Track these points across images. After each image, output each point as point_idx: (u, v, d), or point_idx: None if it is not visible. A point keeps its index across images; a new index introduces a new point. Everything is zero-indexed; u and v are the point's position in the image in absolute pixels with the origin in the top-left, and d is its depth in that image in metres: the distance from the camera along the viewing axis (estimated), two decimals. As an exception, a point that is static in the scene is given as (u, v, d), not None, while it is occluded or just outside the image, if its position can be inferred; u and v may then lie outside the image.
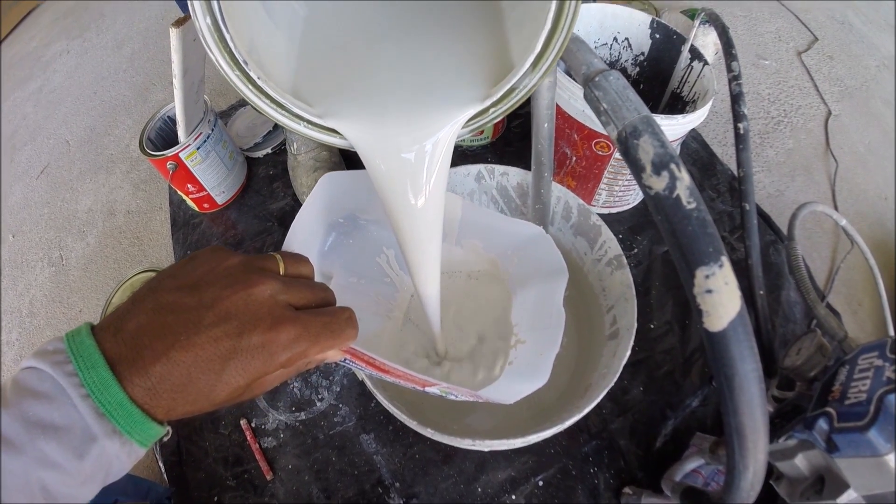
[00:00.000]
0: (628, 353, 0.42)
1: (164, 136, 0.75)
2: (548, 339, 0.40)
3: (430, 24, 0.33)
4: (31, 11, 1.48)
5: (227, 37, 0.24)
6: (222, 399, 0.24)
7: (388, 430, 0.56)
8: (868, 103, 0.91)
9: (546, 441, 0.54)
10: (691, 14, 0.93)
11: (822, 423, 0.31)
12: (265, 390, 0.27)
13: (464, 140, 0.79)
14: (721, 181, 0.76)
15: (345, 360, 0.30)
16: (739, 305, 0.18)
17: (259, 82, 0.26)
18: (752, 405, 0.19)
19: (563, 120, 0.62)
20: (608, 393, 0.41)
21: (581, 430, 0.55)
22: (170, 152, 0.68)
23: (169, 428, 0.24)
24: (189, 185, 0.73)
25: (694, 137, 0.81)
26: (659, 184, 0.20)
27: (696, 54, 0.62)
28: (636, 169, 0.21)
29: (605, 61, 0.75)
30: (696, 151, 0.79)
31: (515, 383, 0.38)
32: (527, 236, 0.47)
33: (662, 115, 0.52)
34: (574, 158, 0.65)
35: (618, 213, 0.72)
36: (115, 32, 1.29)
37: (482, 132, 0.78)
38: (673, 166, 0.20)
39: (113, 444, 0.22)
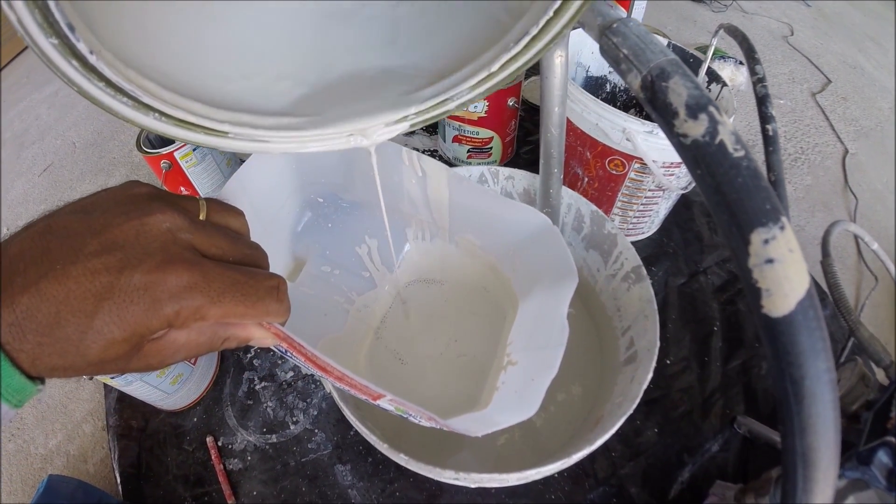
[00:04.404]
0: (650, 375, 0.36)
1: (164, 139, 0.73)
2: (543, 362, 0.32)
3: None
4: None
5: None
6: (96, 355, 0.19)
7: (367, 462, 0.50)
8: (884, 143, 0.91)
9: (546, 486, 0.48)
10: (704, 51, 0.92)
11: (883, 457, 0.25)
12: (163, 362, 0.21)
13: (470, 161, 0.76)
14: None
15: (284, 350, 0.24)
16: (808, 281, 0.14)
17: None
18: (827, 421, 0.14)
19: (575, 136, 0.59)
20: (619, 434, 0.35)
21: (587, 474, 0.48)
22: (165, 150, 0.66)
23: (41, 386, 0.19)
24: (182, 188, 0.71)
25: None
26: (697, 129, 0.16)
27: (713, 76, 0.59)
28: (667, 115, 0.17)
29: (618, 87, 0.74)
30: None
31: (494, 413, 0.32)
32: (531, 230, 0.41)
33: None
34: (586, 179, 0.62)
35: (632, 243, 0.68)
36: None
37: (490, 155, 0.75)
38: (712, 109, 0.16)
39: None
